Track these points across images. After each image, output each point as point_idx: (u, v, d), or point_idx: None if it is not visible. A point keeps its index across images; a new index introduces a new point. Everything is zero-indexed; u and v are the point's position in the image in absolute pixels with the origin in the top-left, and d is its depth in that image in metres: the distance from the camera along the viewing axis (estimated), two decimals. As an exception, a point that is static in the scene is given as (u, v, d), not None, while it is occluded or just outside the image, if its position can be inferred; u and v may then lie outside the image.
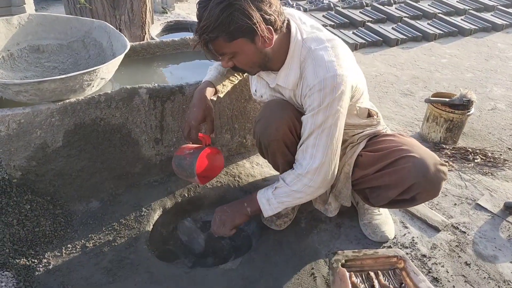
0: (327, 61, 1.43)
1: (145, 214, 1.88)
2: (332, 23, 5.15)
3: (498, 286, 1.69)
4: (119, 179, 1.99)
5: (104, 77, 1.81)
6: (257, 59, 1.47)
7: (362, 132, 1.76)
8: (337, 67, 1.42)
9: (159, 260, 1.72)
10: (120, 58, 1.84)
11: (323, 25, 1.49)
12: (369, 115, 1.76)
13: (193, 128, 1.65)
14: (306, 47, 1.48)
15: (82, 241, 1.75)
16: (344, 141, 1.79)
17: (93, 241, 1.76)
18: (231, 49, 1.40)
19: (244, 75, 1.95)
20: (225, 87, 1.84)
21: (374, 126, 1.78)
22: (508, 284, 1.71)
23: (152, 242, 1.83)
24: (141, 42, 2.33)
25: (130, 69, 2.26)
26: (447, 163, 2.41)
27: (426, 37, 4.93)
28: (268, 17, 1.36)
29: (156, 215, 1.90)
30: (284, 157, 1.68)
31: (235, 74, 1.87)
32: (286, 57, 1.51)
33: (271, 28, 1.39)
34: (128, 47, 1.91)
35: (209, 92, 1.72)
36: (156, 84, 1.87)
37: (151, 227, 1.86)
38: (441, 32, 5.02)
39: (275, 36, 1.42)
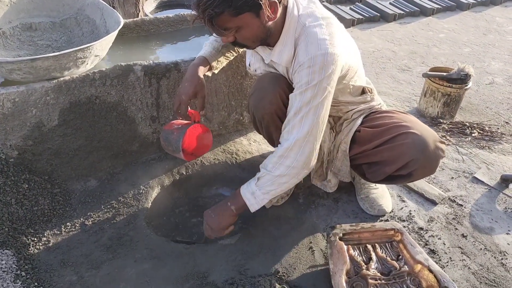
0: (319, 39, 1.40)
1: (143, 192, 1.89)
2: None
3: (494, 257, 1.71)
4: (116, 157, 1.99)
5: (98, 54, 1.78)
6: (260, 34, 1.43)
7: (356, 108, 1.75)
8: (329, 45, 1.39)
9: (159, 237, 1.73)
10: (114, 34, 1.82)
11: (320, 1, 1.46)
12: (363, 92, 1.75)
13: (183, 103, 1.63)
14: (300, 24, 1.45)
15: (81, 219, 1.76)
16: (338, 118, 1.78)
17: (92, 219, 1.77)
18: (236, 24, 1.36)
19: (240, 51, 1.93)
20: (219, 63, 1.81)
21: (368, 102, 1.77)
22: (504, 255, 1.73)
23: (151, 219, 1.84)
24: (135, 19, 2.30)
25: (125, 47, 2.23)
26: (445, 138, 2.41)
27: (424, 12, 4.88)
28: None
29: (154, 193, 1.91)
30: (278, 130, 1.67)
31: (231, 50, 1.84)
32: (281, 33, 1.48)
33: (276, 1, 1.36)
34: (122, 24, 1.89)
35: (203, 68, 1.69)
36: (151, 61, 1.85)
37: (150, 204, 1.86)
38: (439, 6, 4.96)
39: (279, 10, 1.40)
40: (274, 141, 1.74)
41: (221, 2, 1.27)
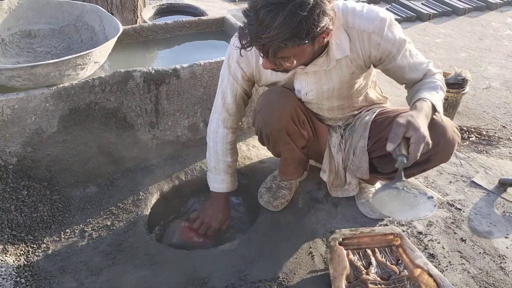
0: (366, 6, 1.45)
1: (142, 198, 1.89)
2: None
3: (493, 261, 1.72)
4: (116, 163, 1.99)
5: (97, 60, 1.79)
6: (310, 56, 1.40)
7: (368, 106, 1.78)
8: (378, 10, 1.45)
9: (158, 243, 1.73)
10: (113, 41, 1.83)
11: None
12: (380, 95, 1.81)
13: (212, 230, 1.78)
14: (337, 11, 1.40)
15: (81, 225, 1.76)
16: (346, 125, 1.79)
17: (91, 225, 1.77)
18: (294, 53, 1.29)
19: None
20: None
21: (381, 104, 1.81)
22: (503, 258, 1.73)
23: (151, 225, 1.84)
24: (134, 26, 2.31)
25: (124, 53, 2.24)
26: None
27: (420, 17, 4.91)
28: (332, 16, 1.27)
29: (153, 199, 1.91)
30: (286, 145, 1.69)
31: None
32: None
33: (332, 28, 1.31)
34: (121, 30, 1.90)
35: (228, 199, 1.85)
36: (150, 68, 1.86)
37: (149, 210, 1.86)
38: (435, 12, 4.99)
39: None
40: (280, 155, 1.77)
41: (291, 36, 1.19)
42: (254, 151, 2.24)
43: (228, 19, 2.46)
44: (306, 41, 1.23)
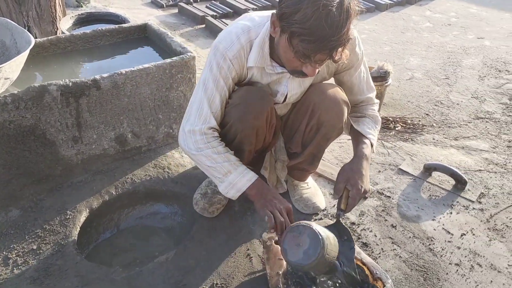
0: None
1: (70, 217, 1.80)
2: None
3: (423, 243, 1.80)
4: (39, 183, 1.88)
5: (8, 76, 1.69)
6: None
7: None
8: None
9: (90, 262, 1.66)
10: (24, 55, 1.73)
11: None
12: None
13: (289, 208, 1.51)
14: None
15: (4, 252, 1.65)
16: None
17: (15, 251, 1.66)
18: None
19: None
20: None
21: None
22: (431, 240, 1.82)
23: (81, 244, 1.75)
24: (50, 37, 2.20)
25: (41, 67, 2.13)
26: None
27: (345, 15, 5.07)
28: None
29: (82, 217, 1.82)
30: (249, 146, 1.66)
31: None
32: None
33: None
34: (33, 43, 1.80)
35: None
36: (67, 80, 1.77)
37: (78, 229, 1.78)
38: (359, 8, 5.17)
39: None
40: (241, 152, 1.67)
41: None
42: (187, 158, 2.21)
43: (150, 25, 2.40)
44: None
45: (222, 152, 1.53)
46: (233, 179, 1.53)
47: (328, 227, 1.46)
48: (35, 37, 2.73)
